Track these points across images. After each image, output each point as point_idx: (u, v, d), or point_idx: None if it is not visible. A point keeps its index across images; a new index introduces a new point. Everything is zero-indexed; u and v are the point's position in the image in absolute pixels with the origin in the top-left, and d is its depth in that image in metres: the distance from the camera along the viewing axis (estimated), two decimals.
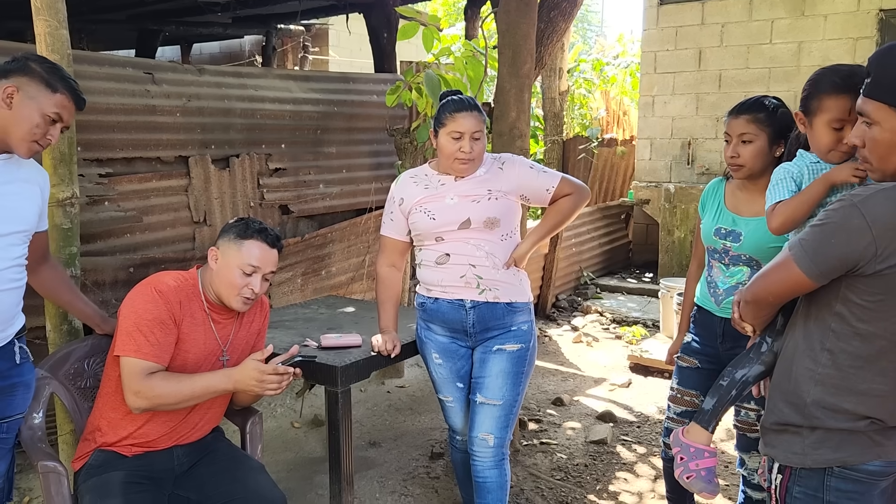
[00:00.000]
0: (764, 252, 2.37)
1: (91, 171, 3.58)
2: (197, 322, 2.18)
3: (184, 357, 2.15)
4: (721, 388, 1.88)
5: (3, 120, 1.99)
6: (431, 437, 3.92)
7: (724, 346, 2.50)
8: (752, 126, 2.33)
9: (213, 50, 10.86)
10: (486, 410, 2.57)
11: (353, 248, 5.06)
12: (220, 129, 4.23)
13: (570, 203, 2.60)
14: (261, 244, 2.17)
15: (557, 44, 5.57)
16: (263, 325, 2.43)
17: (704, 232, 2.54)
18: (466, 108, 2.47)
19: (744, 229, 2.41)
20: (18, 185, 2.08)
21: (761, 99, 2.40)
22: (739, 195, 2.48)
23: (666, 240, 7.42)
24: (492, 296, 2.54)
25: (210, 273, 2.19)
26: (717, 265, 2.51)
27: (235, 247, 2.16)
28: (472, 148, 2.47)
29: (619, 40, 11.80)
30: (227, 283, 2.15)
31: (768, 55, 7.11)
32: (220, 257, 2.17)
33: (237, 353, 2.28)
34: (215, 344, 2.23)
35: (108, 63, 3.73)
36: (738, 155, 2.36)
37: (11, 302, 2.07)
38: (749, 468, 2.55)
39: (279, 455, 3.67)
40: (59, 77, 2.06)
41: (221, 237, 2.21)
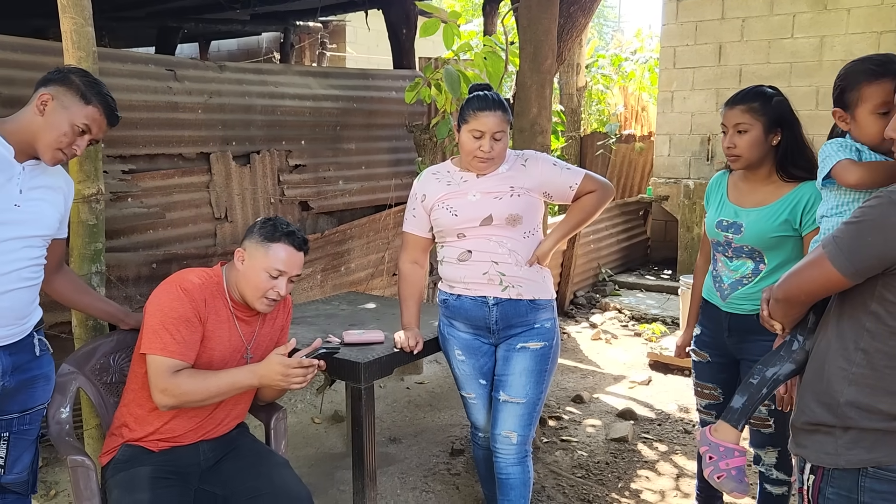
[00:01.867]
0: (766, 242, 2.36)
1: (115, 168, 3.60)
2: (221, 320, 2.18)
3: (209, 355, 2.16)
4: (751, 386, 1.86)
5: (34, 126, 2.03)
6: (451, 434, 3.92)
7: (731, 341, 2.51)
8: (747, 116, 2.33)
9: (230, 47, 10.90)
10: (510, 408, 2.56)
11: (373, 245, 5.06)
12: (240, 126, 4.25)
13: (594, 200, 2.58)
14: (288, 247, 2.16)
15: (577, 39, 5.55)
16: (287, 322, 2.44)
17: (708, 225, 2.55)
18: (490, 108, 2.45)
19: (745, 220, 2.40)
20: (43, 191, 2.11)
21: (757, 88, 2.39)
22: (741, 186, 2.48)
23: (685, 236, 7.37)
24: (515, 293, 2.53)
25: (236, 273, 2.20)
26: (721, 258, 2.51)
27: (263, 249, 2.15)
28: (493, 147, 2.46)
29: (637, 35, 11.72)
30: (252, 286, 2.15)
31: (790, 50, 7.03)
32: (246, 259, 2.17)
33: (261, 351, 2.28)
34: (239, 342, 2.23)
35: (132, 60, 3.75)
36: (734, 145, 2.35)
37: (28, 299, 2.10)
38: (766, 464, 2.54)
39: (300, 451, 3.69)
40: (96, 92, 2.08)
41: (248, 238, 2.21)
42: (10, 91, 3.16)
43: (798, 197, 2.33)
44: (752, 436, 2.56)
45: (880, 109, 1.80)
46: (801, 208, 2.32)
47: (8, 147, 2.01)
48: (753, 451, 2.57)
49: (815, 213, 2.26)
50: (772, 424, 2.48)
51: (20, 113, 2.05)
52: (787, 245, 2.37)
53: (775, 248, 2.38)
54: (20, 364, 2.09)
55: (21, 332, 2.10)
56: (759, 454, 2.56)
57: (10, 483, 2.16)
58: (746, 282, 2.43)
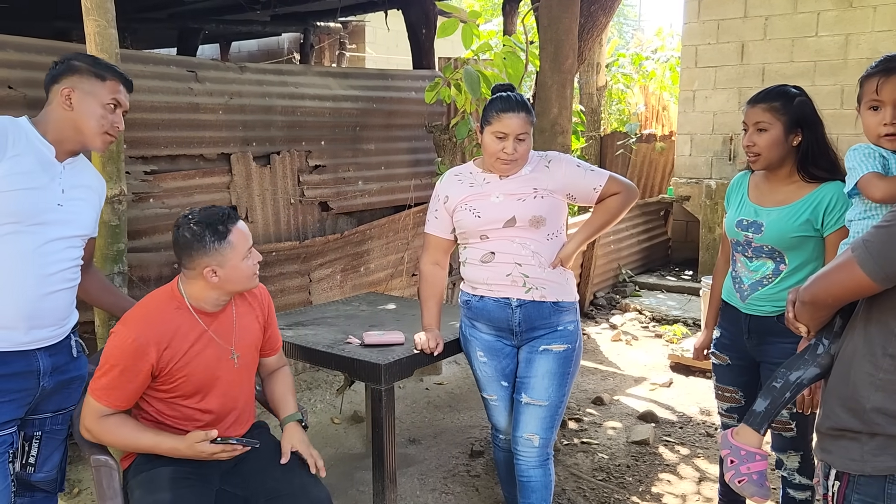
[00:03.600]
0: (786, 242, 2.33)
1: (136, 169, 3.63)
2: (193, 336, 2.11)
3: (195, 376, 2.10)
4: (774, 389, 1.83)
5: (69, 121, 2.05)
6: (471, 436, 3.90)
7: (751, 343, 2.48)
8: (768, 115, 2.31)
9: (251, 48, 10.97)
10: (532, 411, 2.54)
11: (392, 245, 5.06)
12: (261, 127, 4.26)
13: (618, 202, 2.55)
14: None
15: (597, 39, 5.51)
16: (269, 317, 2.36)
17: (728, 224, 2.52)
18: (513, 109, 2.43)
19: (765, 219, 2.37)
20: (83, 190, 2.15)
21: (780, 88, 2.37)
22: (762, 186, 2.45)
23: (707, 237, 7.30)
24: (538, 294, 2.51)
25: (184, 279, 2.13)
26: (740, 259, 2.48)
27: (228, 248, 2.07)
28: (516, 149, 2.44)
29: (657, 34, 11.63)
30: (244, 273, 2.11)
31: (814, 48, 6.94)
32: (221, 269, 2.07)
33: (245, 344, 2.23)
34: (220, 348, 2.16)
35: (153, 62, 3.78)
36: (753, 143, 2.34)
37: (69, 300, 2.13)
38: (788, 468, 2.51)
39: (320, 451, 3.61)
40: (105, 67, 2.11)
41: (203, 252, 2.05)
42: (35, 93, 3.19)
43: (819, 197, 2.29)
44: (774, 439, 2.53)
45: (870, 105, 1.82)
46: (822, 208, 2.29)
47: (49, 147, 2.03)
48: (776, 455, 2.54)
49: (837, 214, 2.25)
50: (794, 428, 2.44)
51: (46, 113, 2.06)
52: (807, 245, 2.34)
53: (796, 248, 2.35)
54: (59, 365, 2.12)
55: (61, 333, 2.12)
56: (782, 458, 2.52)
57: (39, 481, 2.18)
58: (767, 282, 2.40)
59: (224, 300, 2.17)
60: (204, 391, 2.15)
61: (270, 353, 2.40)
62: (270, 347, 2.39)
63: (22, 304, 1.99)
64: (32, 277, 2.00)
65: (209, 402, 2.16)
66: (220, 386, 2.17)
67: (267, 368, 2.44)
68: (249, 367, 2.29)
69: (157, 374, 2.07)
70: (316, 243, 4.42)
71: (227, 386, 2.19)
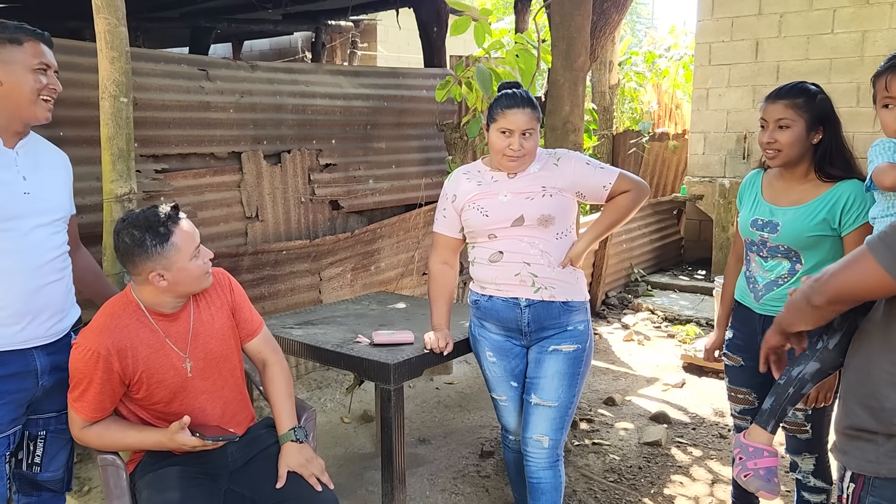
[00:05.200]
0: (802, 242, 2.30)
1: (147, 167, 3.63)
2: (152, 342, 2.06)
3: (157, 385, 2.07)
4: (778, 386, 1.82)
5: (1, 100, 1.95)
6: (481, 436, 3.88)
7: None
8: (790, 111, 2.27)
9: (263, 47, 10.98)
10: (541, 412, 2.52)
11: (403, 244, 5.05)
12: (271, 125, 4.26)
13: (629, 200, 2.52)
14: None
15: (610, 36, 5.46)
16: (235, 299, 2.25)
17: (742, 224, 2.48)
18: (518, 105, 2.41)
19: (781, 219, 2.34)
20: (47, 171, 2.09)
21: (800, 84, 2.33)
22: (777, 185, 2.42)
23: (720, 236, 7.24)
24: (547, 294, 2.49)
25: (134, 285, 2.07)
26: (755, 258, 2.44)
27: (173, 251, 1.99)
28: (522, 146, 2.42)
29: (671, 32, 11.54)
30: (194, 274, 2.04)
31: (829, 45, 6.86)
32: (168, 272, 2.00)
33: (209, 348, 2.15)
34: (175, 356, 2.09)
35: (164, 60, 3.78)
36: (774, 140, 2.30)
37: (62, 291, 2.10)
38: (803, 471, 2.47)
39: (329, 450, 3.68)
40: (14, 28, 1.96)
41: (146, 257, 1.98)
42: None
43: (836, 196, 2.26)
44: (789, 441, 2.49)
45: (884, 103, 1.80)
46: (840, 207, 2.25)
47: None
48: (790, 457, 2.50)
49: (856, 213, 2.21)
50: (808, 430, 2.41)
51: None
52: (824, 245, 2.30)
53: (812, 247, 2.31)
54: (59, 363, 2.10)
55: (61, 329, 2.11)
56: (796, 461, 2.49)
57: (46, 481, 2.18)
58: (782, 282, 2.36)
59: (182, 301, 2.11)
60: (181, 397, 2.12)
61: (248, 336, 2.28)
62: (246, 330, 2.28)
63: (15, 301, 1.96)
64: (22, 273, 1.97)
65: (190, 406, 2.12)
66: (192, 392, 2.13)
67: (255, 357, 2.32)
68: (220, 368, 2.19)
69: (127, 383, 2.05)
70: (326, 242, 4.42)
71: (196, 392, 2.14)
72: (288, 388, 2.28)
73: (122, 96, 2.70)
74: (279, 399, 2.25)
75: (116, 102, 2.69)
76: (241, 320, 2.27)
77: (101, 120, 2.70)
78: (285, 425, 2.22)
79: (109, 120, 2.70)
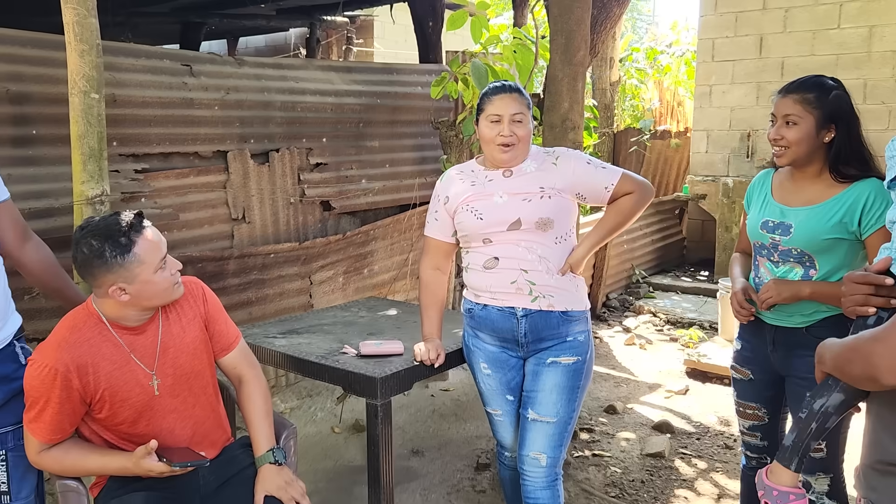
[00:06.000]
0: (818, 245, 2.14)
1: (126, 167, 3.47)
2: (115, 357, 1.90)
3: (119, 404, 1.91)
4: (800, 421, 1.66)
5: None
6: (477, 447, 3.72)
7: (776, 356, 2.29)
8: (799, 107, 2.13)
9: (258, 43, 10.83)
10: (539, 428, 2.36)
11: (397, 246, 4.89)
12: (259, 123, 4.10)
13: (632, 202, 2.36)
14: (148, 233, 1.88)
15: (611, 31, 5.30)
16: (210, 310, 2.09)
17: (751, 226, 2.33)
18: (504, 91, 2.32)
19: (794, 220, 2.19)
20: None
21: (816, 78, 2.19)
22: (787, 185, 2.27)
23: (724, 237, 7.08)
24: (546, 303, 2.33)
25: (95, 297, 1.91)
26: (764, 264, 2.29)
27: (135, 263, 1.83)
28: (513, 132, 2.28)
29: (672, 28, 11.37)
30: (160, 287, 1.90)
31: (836, 41, 6.68)
32: (131, 286, 1.84)
33: (178, 364, 1.99)
34: (141, 373, 1.93)
35: (145, 55, 3.62)
36: (781, 137, 2.16)
37: None
38: (817, 492, 2.31)
39: (318, 463, 3.53)
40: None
41: (106, 269, 1.82)
42: (19, 87, 3.04)
43: (854, 196, 2.11)
44: None
45: None
46: (859, 208, 2.09)
47: None
48: (802, 477, 2.34)
49: (878, 212, 2.06)
50: (823, 448, 2.25)
51: None
52: (840, 249, 2.15)
53: (827, 251, 2.16)
54: (5, 374, 1.94)
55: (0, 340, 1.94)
56: (809, 481, 2.32)
57: None
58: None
59: (148, 313, 1.95)
60: (147, 416, 1.95)
61: (223, 350, 2.12)
62: (221, 344, 2.12)
63: None
64: None
65: (157, 426, 1.97)
66: (159, 411, 1.97)
67: (230, 373, 2.16)
68: (191, 385, 2.04)
69: (88, 402, 1.89)
70: (317, 245, 4.26)
71: (164, 411, 1.98)
72: (266, 405, 2.12)
73: (92, 92, 2.55)
74: (256, 418, 2.09)
75: (87, 98, 2.54)
76: (215, 333, 2.11)
77: (71, 117, 2.55)
78: (263, 446, 2.06)
79: (79, 117, 2.54)
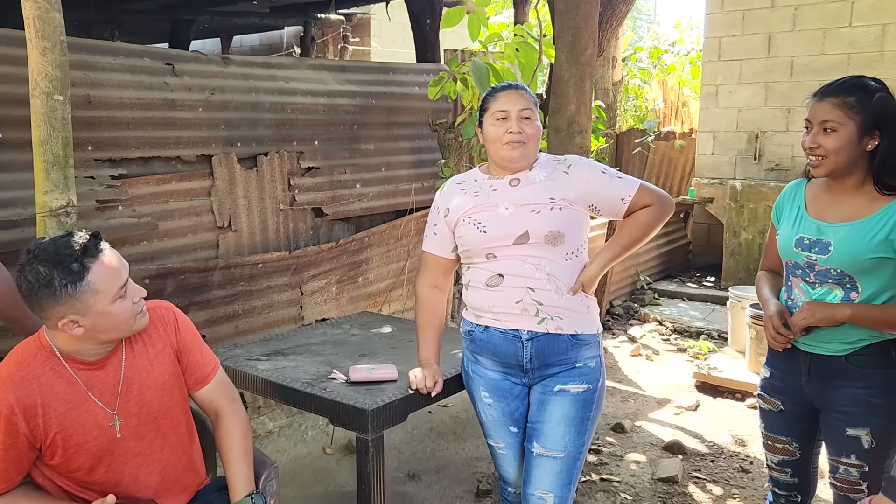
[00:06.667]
0: (860, 265, 1.94)
1: (102, 173, 3.25)
2: (70, 395, 1.68)
3: (90, 445, 1.70)
4: None
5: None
6: (477, 470, 3.50)
7: (811, 386, 2.08)
8: (838, 112, 1.92)
9: (253, 42, 10.60)
10: (545, 464, 2.14)
11: (393, 253, 4.67)
12: (246, 125, 3.87)
13: (651, 216, 2.14)
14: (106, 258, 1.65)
15: (617, 29, 5.08)
16: (182, 339, 1.87)
17: (782, 244, 2.12)
18: (509, 87, 2.15)
19: (833, 238, 1.98)
20: None
21: (857, 80, 1.96)
22: (823, 198, 2.06)
23: (731, 242, 6.86)
24: (553, 326, 2.11)
25: (46, 329, 1.70)
26: (798, 284, 2.08)
27: (89, 292, 1.60)
28: (522, 129, 2.08)
29: (676, 27, 11.15)
30: (118, 318, 1.67)
31: (847, 39, 6.48)
32: (84, 318, 1.62)
33: (139, 405, 1.76)
34: (99, 411, 1.71)
35: (123, 53, 3.39)
36: (818, 145, 1.95)
37: None
38: None
39: (308, 489, 3.30)
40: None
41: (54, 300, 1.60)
42: None
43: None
44: (837, 501, 2.12)
45: None
46: None
47: None
48: None
49: None
50: (865, 490, 2.04)
51: None
52: (885, 269, 1.94)
53: (871, 272, 1.94)
54: None
55: None
56: None
57: None
58: None
59: (107, 348, 1.73)
60: (107, 462, 1.73)
61: (198, 384, 1.90)
62: (196, 377, 1.89)
63: None
64: None
65: (119, 472, 1.75)
66: (122, 455, 1.75)
67: (206, 408, 1.94)
68: (159, 425, 1.82)
69: (39, 447, 1.66)
70: (308, 253, 4.03)
71: (127, 456, 1.76)
72: (245, 444, 1.90)
73: (56, 93, 2.32)
74: (234, 459, 1.87)
75: (50, 101, 2.31)
76: (189, 364, 1.89)
77: (32, 121, 2.33)
78: (240, 490, 1.84)
79: (41, 121, 2.32)
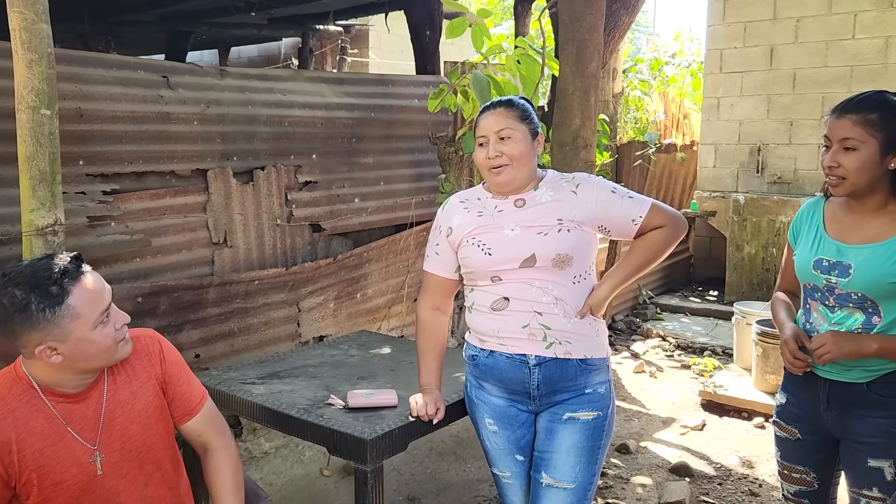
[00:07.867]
0: (882, 289, 1.86)
1: (94, 188, 3.16)
2: (48, 429, 1.59)
3: (69, 483, 1.60)
4: None
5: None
6: (479, 493, 3.40)
7: (831, 415, 1.99)
8: (859, 130, 1.84)
9: (251, 53, 10.52)
10: (554, 495, 2.05)
11: (392, 269, 4.57)
12: (243, 139, 3.78)
13: (663, 237, 2.06)
14: (87, 281, 1.57)
15: (620, 41, 5.02)
16: (169, 370, 1.78)
17: (800, 265, 2.04)
18: (490, 107, 2.08)
19: (853, 260, 1.90)
20: None
21: (879, 95, 1.88)
22: (843, 219, 1.98)
23: (734, 256, 6.78)
24: (562, 350, 2.02)
25: (23, 358, 1.61)
26: (817, 308, 2.00)
27: (68, 317, 1.52)
28: (500, 151, 2.00)
29: (676, 38, 11.11)
30: (100, 346, 1.58)
31: (850, 52, 6.42)
32: (63, 345, 1.54)
33: (122, 440, 1.67)
34: (79, 447, 1.62)
35: (116, 65, 3.30)
36: (837, 165, 1.87)
37: None
38: None
39: None
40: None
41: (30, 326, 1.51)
42: None
43: None
44: None
45: None
46: None
47: None
48: None
49: None
50: None
51: None
52: None
53: (894, 296, 1.86)
54: None
55: None
56: None
57: None
58: None
59: (89, 377, 1.63)
60: (88, 500, 1.63)
61: (185, 416, 1.81)
62: (182, 409, 1.80)
63: None
64: None
65: None
66: (103, 493, 1.65)
67: (194, 441, 1.85)
68: (143, 461, 1.72)
69: (13, 486, 1.56)
70: (305, 269, 3.94)
71: (109, 493, 1.66)
72: (236, 480, 1.80)
73: (43, 108, 2.23)
74: (224, 496, 1.78)
75: (36, 115, 2.23)
76: (175, 396, 1.79)
77: (18, 136, 2.24)
78: None
79: (28, 136, 2.23)
